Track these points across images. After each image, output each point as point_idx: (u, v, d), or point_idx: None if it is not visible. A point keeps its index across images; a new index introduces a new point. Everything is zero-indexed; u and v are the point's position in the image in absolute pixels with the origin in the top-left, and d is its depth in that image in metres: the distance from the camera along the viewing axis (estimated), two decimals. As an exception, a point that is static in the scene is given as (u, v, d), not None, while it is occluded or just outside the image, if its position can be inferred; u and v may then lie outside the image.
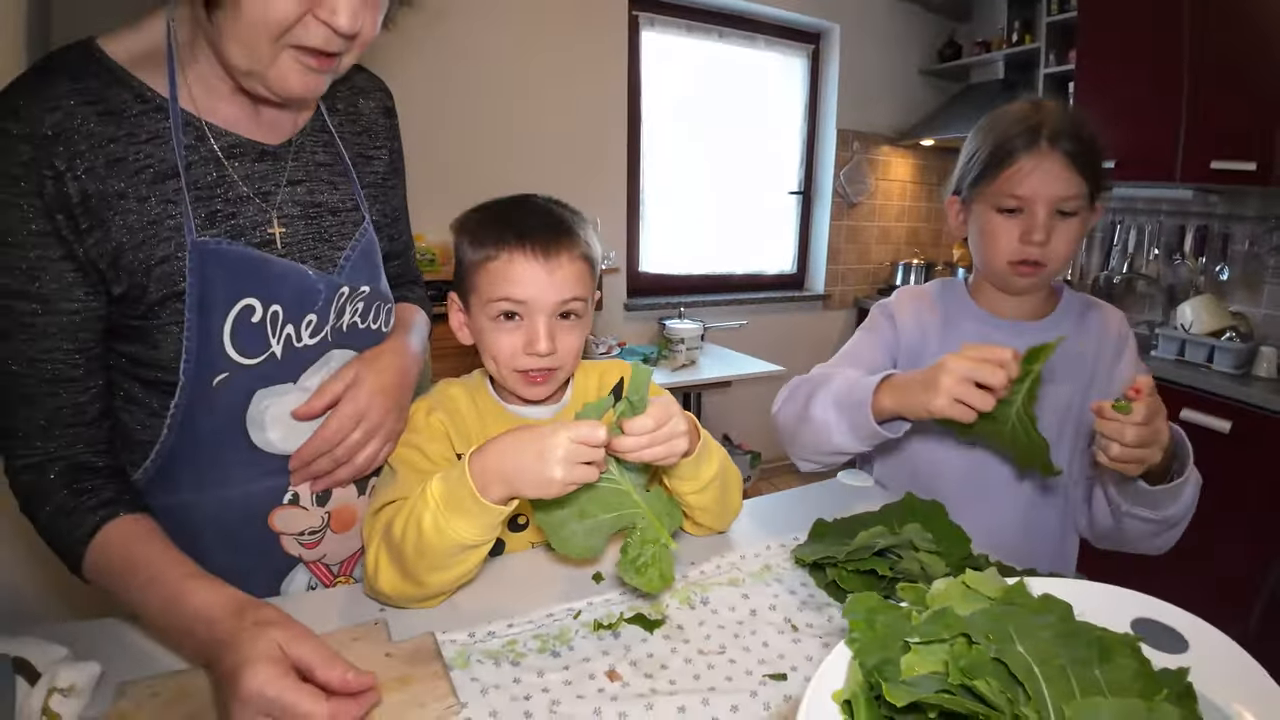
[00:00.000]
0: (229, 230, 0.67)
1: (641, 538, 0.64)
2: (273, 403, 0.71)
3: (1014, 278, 0.93)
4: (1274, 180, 2.20)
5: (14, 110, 0.59)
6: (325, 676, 0.49)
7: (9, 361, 0.63)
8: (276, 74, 0.61)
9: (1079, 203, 0.89)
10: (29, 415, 0.64)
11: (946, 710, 0.35)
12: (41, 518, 0.65)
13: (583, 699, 0.56)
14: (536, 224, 0.74)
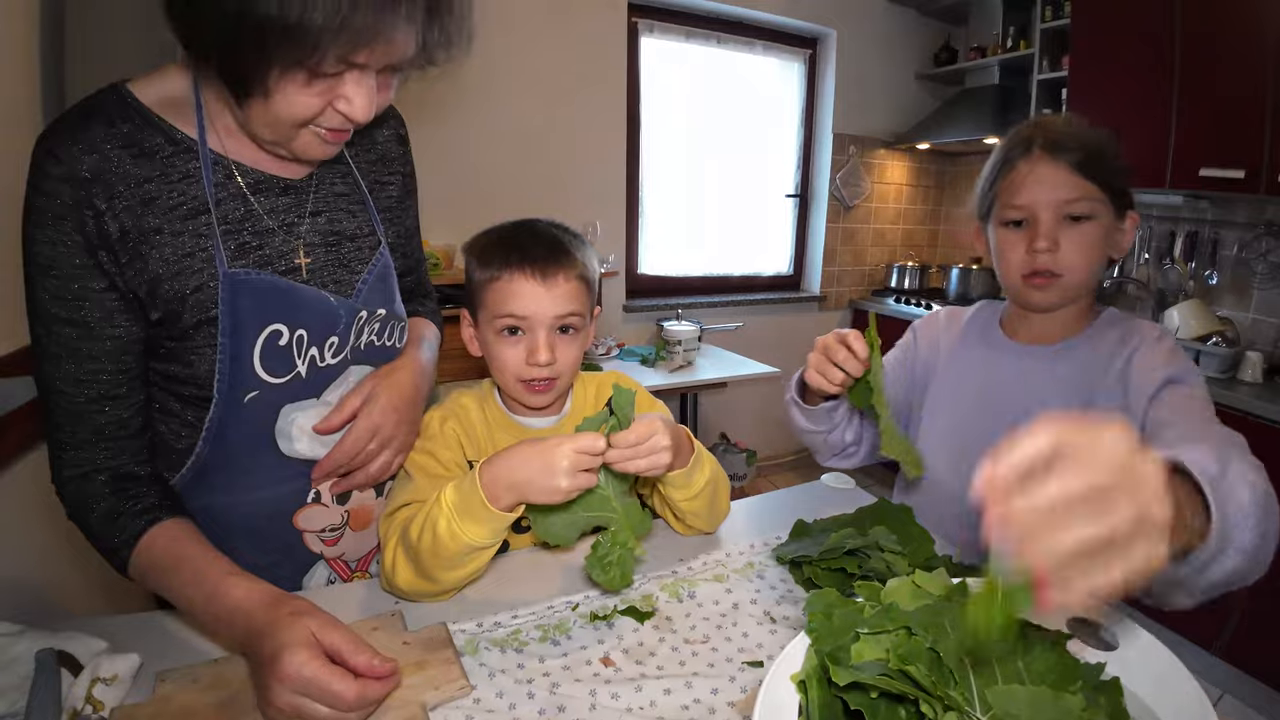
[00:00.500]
0: (257, 260, 0.73)
1: (611, 539, 0.70)
2: (299, 416, 0.77)
3: (1030, 291, 0.90)
4: (1262, 188, 2.23)
5: (54, 154, 0.64)
6: (354, 661, 0.56)
7: (57, 382, 0.68)
8: (299, 146, 0.68)
9: (1089, 206, 0.85)
10: (75, 430, 0.70)
11: (886, 691, 0.42)
12: (90, 523, 0.70)
13: (579, 682, 0.63)
14: (537, 247, 0.80)
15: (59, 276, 0.66)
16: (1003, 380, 0.95)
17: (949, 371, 1.02)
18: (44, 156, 0.64)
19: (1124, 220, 0.89)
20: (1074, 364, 0.91)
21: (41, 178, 0.64)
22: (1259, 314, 2.57)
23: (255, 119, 0.65)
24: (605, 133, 2.88)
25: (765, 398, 3.31)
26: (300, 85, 0.61)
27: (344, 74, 0.62)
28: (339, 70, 0.61)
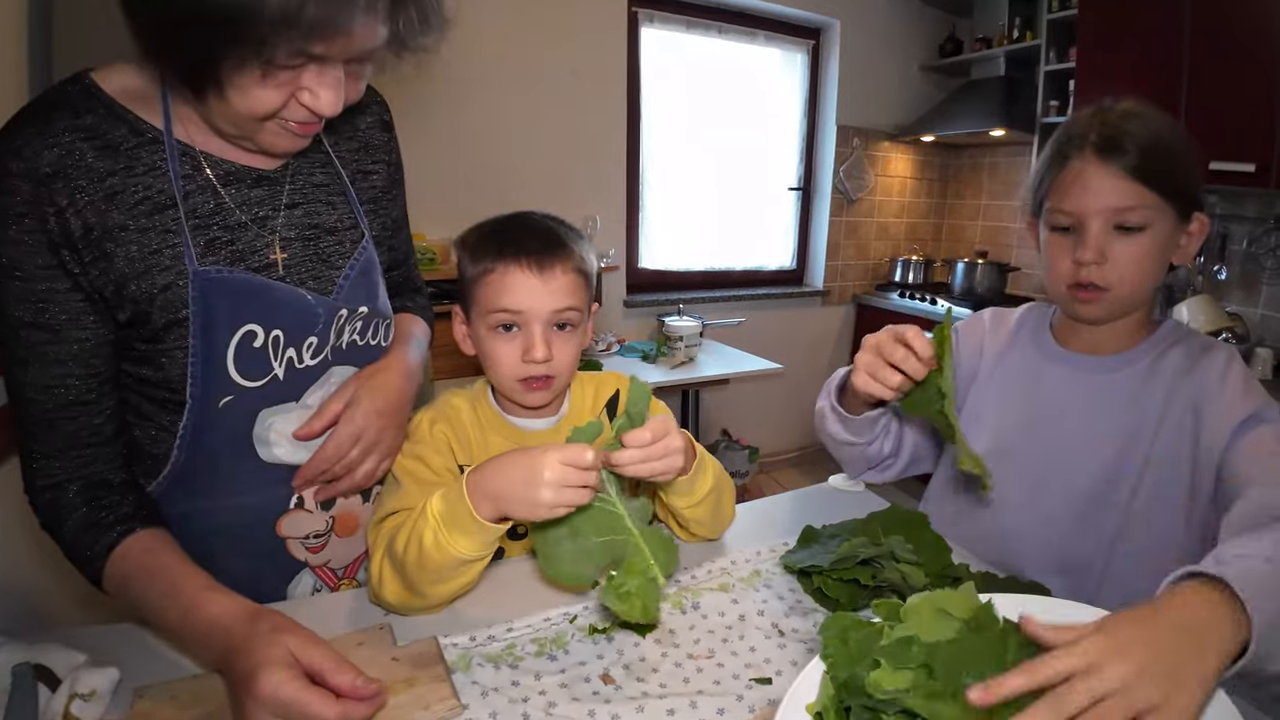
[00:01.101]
0: (228, 257, 0.69)
1: (630, 568, 0.63)
2: (277, 420, 0.73)
3: (1075, 304, 0.84)
4: (1272, 182, 2.21)
5: (15, 150, 0.61)
6: (336, 681, 0.52)
7: (26, 389, 0.66)
8: (264, 140, 0.65)
9: (1144, 215, 0.77)
10: (47, 438, 0.67)
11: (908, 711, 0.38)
12: (63, 534, 0.67)
13: (578, 701, 0.60)
14: (531, 238, 0.77)
15: (22, 278, 0.62)
16: (1052, 391, 0.89)
17: (995, 375, 0.96)
18: (5, 152, 0.61)
19: (1189, 223, 0.81)
20: (1132, 379, 0.85)
21: (2, 175, 0.60)
22: (1268, 309, 2.55)
23: (214, 113, 0.62)
24: (605, 125, 2.85)
25: (768, 394, 3.28)
26: (256, 80, 0.57)
27: (304, 66, 0.59)
28: (297, 63, 0.58)
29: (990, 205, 3.62)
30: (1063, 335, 0.92)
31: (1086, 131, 0.80)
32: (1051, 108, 2.98)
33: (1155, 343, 0.86)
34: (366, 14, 0.55)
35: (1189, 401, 0.79)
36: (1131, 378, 0.85)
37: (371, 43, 0.58)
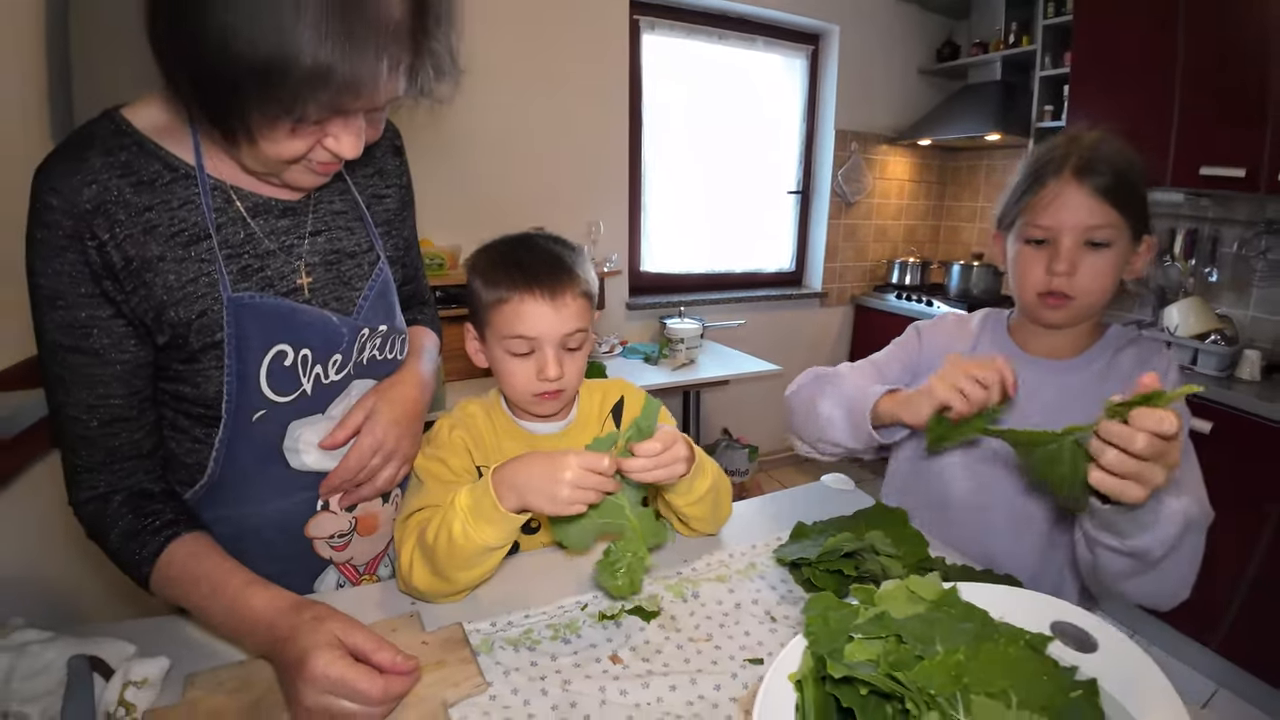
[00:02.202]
0: (259, 283, 0.74)
1: (623, 546, 0.73)
2: (305, 431, 0.79)
3: (1043, 310, 0.92)
4: (1262, 187, 2.24)
5: (53, 187, 0.64)
6: (379, 659, 0.59)
7: (68, 409, 0.70)
8: (290, 178, 0.71)
9: (1109, 233, 0.86)
10: (90, 453, 0.71)
11: (875, 690, 0.45)
12: (109, 541, 0.72)
13: (589, 679, 0.66)
14: (542, 268, 0.82)
15: (65, 307, 0.67)
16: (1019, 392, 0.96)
17: None
18: (44, 190, 0.64)
19: (1140, 245, 0.90)
20: (1090, 379, 0.93)
21: (42, 210, 0.64)
22: (1259, 311, 2.59)
23: (244, 155, 0.66)
24: (607, 131, 2.89)
25: (767, 394, 3.33)
26: (286, 132, 0.62)
27: (331, 118, 0.63)
28: (324, 116, 0.62)
29: (987, 208, 3.65)
30: (1021, 339, 1.00)
31: (1064, 156, 0.88)
32: (1046, 112, 3.02)
33: (1106, 345, 0.95)
34: (390, 74, 0.59)
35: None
36: (1090, 378, 0.93)
37: (393, 95, 0.63)
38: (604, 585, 0.72)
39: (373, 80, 0.58)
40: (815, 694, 0.46)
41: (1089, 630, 0.57)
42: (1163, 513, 0.71)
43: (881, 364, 1.09)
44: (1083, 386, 0.93)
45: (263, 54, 0.54)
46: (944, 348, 1.04)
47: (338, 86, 0.57)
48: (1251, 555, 2.07)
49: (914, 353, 1.09)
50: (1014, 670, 0.47)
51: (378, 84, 0.59)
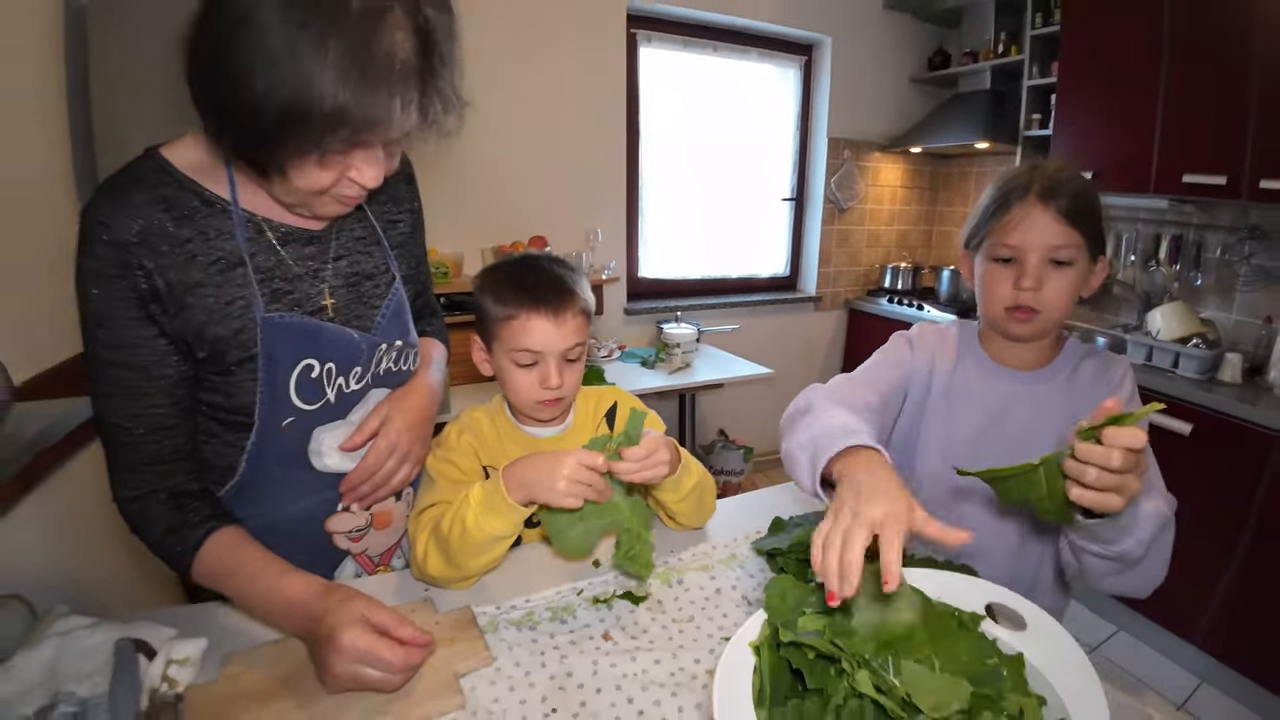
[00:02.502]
0: (289, 304, 0.82)
1: (629, 537, 0.82)
2: (327, 435, 0.87)
3: (1011, 324, 0.98)
4: (1243, 194, 2.29)
5: (103, 221, 0.72)
6: (399, 634, 0.67)
7: (113, 417, 0.77)
8: (319, 209, 0.78)
9: (1072, 253, 0.92)
10: (133, 457, 0.78)
11: (820, 654, 0.53)
12: (152, 536, 0.79)
13: (584, 654, 0.75)
14: (546, 289, 0.91)
15: (113, 328, 0.74)
16: (995, 402, 1.03)
17: (948, 392, 1.08)
18: (93, 224, 0.72)
19: (1096, 264, 0.97)
20: (1056, 389, 1.00)
21: (92, 243, 0.72)
22: (1241, 315, 2.62)
23: (276, 189, 0.75)
24: (605, 142, 2.96)
25: (761, 397, 3.41)
26: (313, 164, 0.69)
27: (353, 151, 0.70)
28: (346, 150, 0.69)
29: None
30: (992, 351, 1.06)
31: (1029, 182, 0.94)
32: (1034, 121, 3.07)
33: (1068, 357, 1.02)
34: (403, 110, 0.65)
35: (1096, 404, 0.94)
36: (1056, 388, 1.00)
37: (407, 128, 0.68)
38: (627, 570, 0.83)
39: (387, 117, 0.64)
40: (770, 658, 0.54)
41: (1020, 611, 0.65)
42: (1139, 517, 0.77)
43: (876, 375, 1.08)
44: (1051, 396, 1.00)
45: (288, 97, 0.60)
46: (931, 356, 1.11)
47: (356, 124, 0.63)
48: (1231, 553, 2.13)
49: (907, 360, 1.11)
50: (940, 640, 0.55)
51: (392, 120, 0.65)
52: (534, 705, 0.68)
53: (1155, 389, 2.30)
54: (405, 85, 0.65)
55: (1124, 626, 2.45)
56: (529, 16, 2.66)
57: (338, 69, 0.60)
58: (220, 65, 0.63)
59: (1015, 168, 0.99)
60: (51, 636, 0.76)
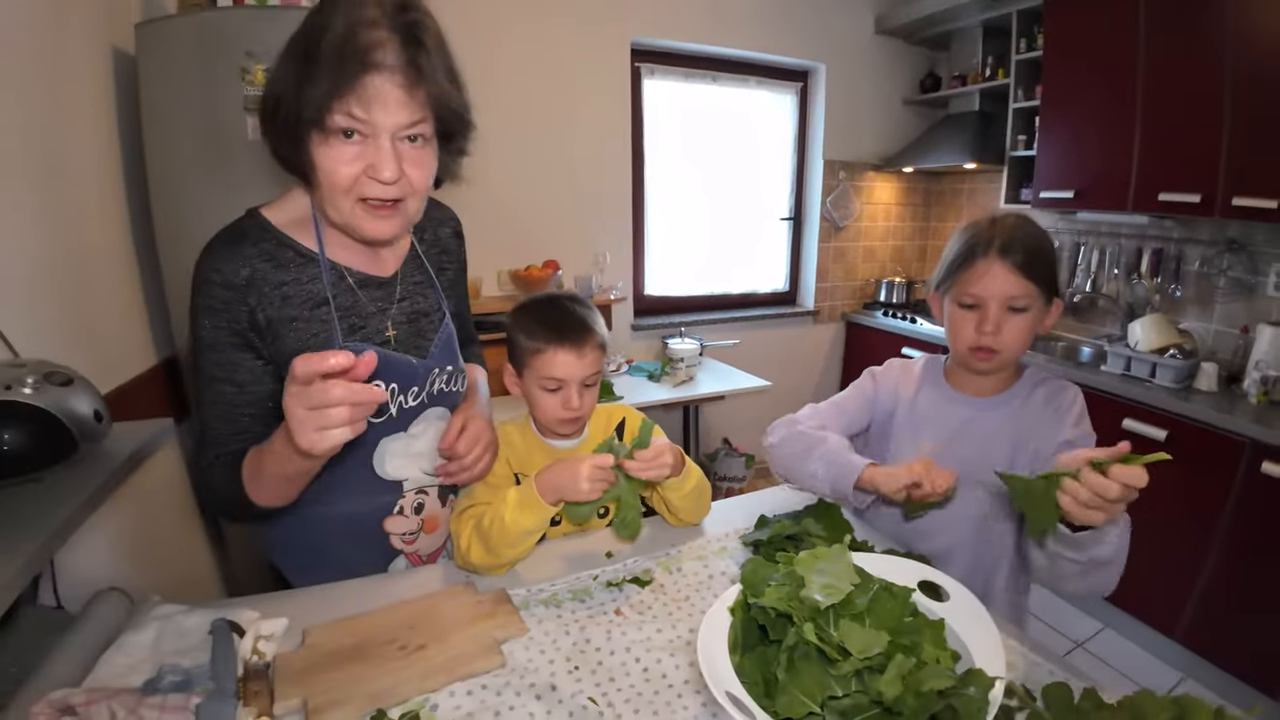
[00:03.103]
0: (362, 336, 0.97)
1: (624, 507, 1.01)
2: (389, 445, 1.03)
3: (974, 361, 1.10)
4: (1216, 212, 2.40)
5: (216, 268, 0.88)
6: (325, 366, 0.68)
7: (211, 421, 0.93)
8: (356, 222, 0.88)
9: (1027, 301, 1.05)
10: (220, 449, 0.93)
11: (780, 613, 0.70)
12: (218, 488, 0.92)
13: (599, 625, 0.92)
14: (571, 327, 1.08)
15: (220, 351, 0.90)
16: (953, 425, 1.16)
17: (910, 415, 1.22)
18: (207, 270, 0.88)
19: (1050, 306, 1.10)
20: (1008, 413, 1.13)
21: (207, 285, 0.88)
22: (1221, 325, 2.72)
23: (323, 199, 0.87)
24: (612, 170, 3.14)
25: (762, 407, 3.52)
26: (331, 147, 0.82)
27: (364, 140, 0.82)
28: (351, 126, 0.80)
29: None
30: (955, 381, 1.21)
31: (990, 239, 1.06)
32: (1019, 141, 3.20)
33: (1023, 384, 1.16)
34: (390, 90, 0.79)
35: (1044, 428, 1.10)
36: (1009, 412, 1.14)
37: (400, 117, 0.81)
38: (620, 534, 1.02)
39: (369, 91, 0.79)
40: (743, 617, 0.71)
41: (943, 586, 0.82)
42: (1110, 527, 0.87)
43: (845, 406, 1.27)
44: (1003, 420, 1.14)
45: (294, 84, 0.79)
46: (894, 387, 1.26)
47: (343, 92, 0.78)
48: (1207, 555, 2.24)
49: (870, 393, 1.28)
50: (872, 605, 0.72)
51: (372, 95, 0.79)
52: (560, 664, 0.85)
53: (1133, 398, 2.42)
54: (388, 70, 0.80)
55: (1110, 624, 2.58)
56: (541, 56, 2.85)
57: (328, 59, 0.78)
58: (267, 88, 0.84)
59: (978, 221, 1.11)
60: (152, 620, 0.90)
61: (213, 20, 1.74)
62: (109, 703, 0.70)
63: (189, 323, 0.92)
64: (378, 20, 0.80)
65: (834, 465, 1.09)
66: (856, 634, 0.67)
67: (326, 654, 0.86)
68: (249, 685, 0.78)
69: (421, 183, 0.89)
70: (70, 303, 1.40)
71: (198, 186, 1.74)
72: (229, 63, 1.71)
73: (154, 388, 1.76)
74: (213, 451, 0.95)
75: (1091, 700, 0.77)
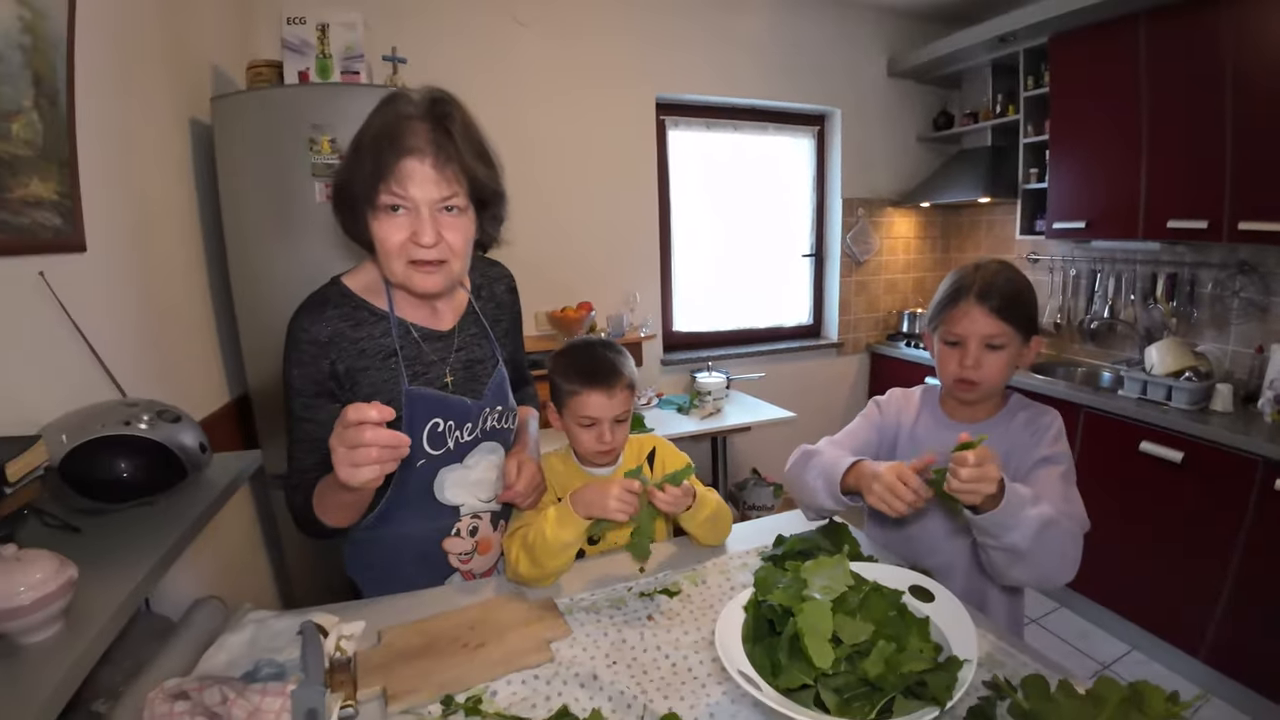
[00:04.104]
0: (424, 381, 1.12)
1: (639, 534, 1.12)
2: (448, 475, 1.18)
3: (958, 391, 1.23)
4: (1224, 237, 2.49)
5: (305, 327, 1.05)
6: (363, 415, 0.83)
7: (298, 454, 1.09)
8: (408, 281, 1.04)
9: (1003, 339, 1.16)
10: (305, 475, 1.07)
11: (785, 608, 0.83)
12: (296, 501, 1.08)
13: (634, 629, 1.06)
14: (601, 371, 1.24)
15: (306, 396, 1.07)
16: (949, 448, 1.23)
17: (912, 440, 1.33)
18: (298, 330, 1.06)
19: (1029, 344, 1.20)
20: (995, 437, 1.20)
21: (297, 341, 1.06)
22: (1237, 345, 2.77)
23: (384, 263, 1.04)
24: (641, 216, 3.33)
25: (788, 438, 3.63)
26: (381, 220, 0.99)
27: (408, 212, 0.99)
28: (395, 202, 0.98)
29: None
30: (948, 408, 1.33)
31: (971, 284, 1.18)
32: (1031, 174, 3.31)
33: (1009, 411, 1.27)
34: (421, 167, 0.97)
35: (1023, 448, 1.22)
36: (995, 437, 1.23)
37: (433, 192, 0.98)
38: (633, 555, 1.13)
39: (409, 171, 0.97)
40: (754, 613, 0.84)
41: (930, 589, 0.94)
42: (1022, 518, 1.00)
43: (856, 433, 1.38)
44: (991, 443, 1.18)
45: (351, 171, 0.98)
46: (896, 414, 1.38)
47: (388, 176, 0.97)
48: (1226, 574, 2.27)
49: (876, 419, 1.40)
50: (863, 601, 0.84)
51: (409, 175, 0.97)
52: (600, 659, 0.98)
53: (1150, 421, 2.49)
54: (419, 153, 0.97)
55: (1135, 644, 2.60)
56: (574, 116, 3.09)
57: (373, 149, 0.97)
58: (335, 179, 1.05)
59: (965, 268, 1.23)
60: (248, 623, 1.06)
61: (280, 96, 1.98)
62: (220, 687, 0.84)
63: (282, 370, 1.10)
64: (412, 114, 0.99)
65: (826, 471, 1.21)
66: (847, 625, 0.80)
67: (400, 651, 1.00)
68: (334, 676, 0.92)
69: (459, 245, 1.05)
70: (160, 348, 1.62)
71: (269, 244, 1.96)
72: (297, 133, 1.94)
73: (229, 423, 1.97)
74: (297, 478, 1.11)
75: (1065, 690, 0.87)
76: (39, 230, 1.18)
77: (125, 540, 0.97)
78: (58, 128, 1.24)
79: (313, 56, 2.04)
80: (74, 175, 1.28)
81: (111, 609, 0.81)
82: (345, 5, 2.05)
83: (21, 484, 0.89)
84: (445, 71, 2.66)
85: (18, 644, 0.74)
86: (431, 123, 1.00)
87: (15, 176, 1.12)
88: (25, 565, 0.75)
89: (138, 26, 1.63)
